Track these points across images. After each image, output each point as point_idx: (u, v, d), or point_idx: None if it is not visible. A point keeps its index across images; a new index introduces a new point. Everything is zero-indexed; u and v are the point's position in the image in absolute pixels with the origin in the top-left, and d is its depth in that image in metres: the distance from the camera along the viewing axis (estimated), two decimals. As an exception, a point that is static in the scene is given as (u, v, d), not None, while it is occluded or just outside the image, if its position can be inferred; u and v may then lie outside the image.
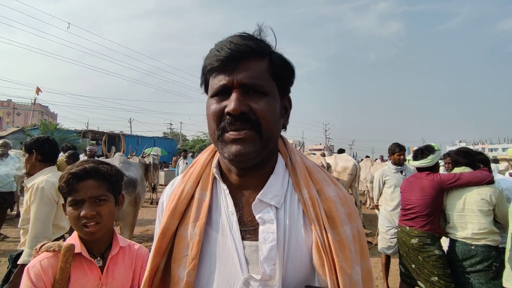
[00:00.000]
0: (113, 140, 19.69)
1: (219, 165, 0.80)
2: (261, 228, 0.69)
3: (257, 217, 0.70)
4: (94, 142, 19.08)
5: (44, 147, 2.34)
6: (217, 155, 0.81)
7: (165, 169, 15.97)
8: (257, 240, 0.68)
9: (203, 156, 0.84)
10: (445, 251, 2.82)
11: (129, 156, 8.86)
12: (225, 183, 0.76)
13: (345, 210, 0.73)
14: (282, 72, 0.73)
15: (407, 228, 2.91)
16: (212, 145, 0.84)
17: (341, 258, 0.66)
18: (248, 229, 0.71)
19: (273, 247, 0.66)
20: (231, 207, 0.72)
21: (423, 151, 3.02)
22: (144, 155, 9.36)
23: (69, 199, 1.17)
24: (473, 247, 2.57)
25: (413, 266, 2.86)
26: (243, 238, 0.70)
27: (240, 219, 0.72)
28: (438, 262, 2.69)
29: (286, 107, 0.78)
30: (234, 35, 0.70)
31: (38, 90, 24.48)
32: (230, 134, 0.67)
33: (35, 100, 26.91)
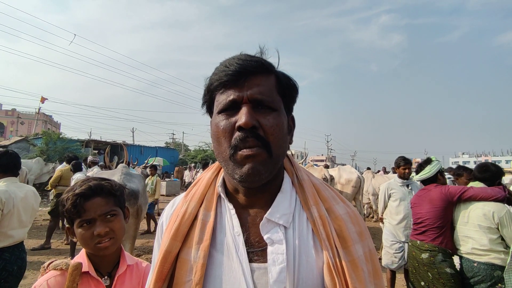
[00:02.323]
0: (115, 150, 19.70)
1: (224, 183, 0.77)
2: (269, 249, 0.66)
3: (265, 237, 0.67)
4: (96, 151, 19.13)
5: (1, 160, 2.52)
6: (221, 174, 0.78)
7: (167, 179, 15.94)
8: (265, 262, 0.65)
9: (206, 175, 0.80)
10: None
11: (131, 165, 8.87)
12: (230, 202, 0.73)
13: (356, 228, 0.71)
14: (288, 89, 0.73)
15: (418, 242, 2.84)
16: (216, 163, 0.81)
17: (354, 280, 0.63)
18: (256, 250, 0.67)
19: (283, 269, 0.63)
20: (237, 228, 0.69)
21: (421, 165, 3.10)
22: (147, 166, 9.34)
23: (77, 220, 1.14)
24: (475, 264, 2.49)
25: (422, 283, 2.75)
26: (250, 260, 0.66)
27: (247, 240, 0.68)
28: (449, 282, 2.57)
29: (290, 125, 0.77)
30: (240, 54, 0.70)
31: (43, 99, 24.79)
32: (243, 152, 0.64)
33: (39, 109, 27.18)
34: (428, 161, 3.05)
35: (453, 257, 2.73)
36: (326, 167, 9.31)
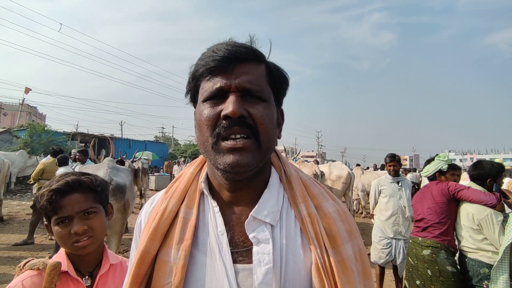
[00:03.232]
0: (103, 143, 19.35)
1: (207, 179, 0.72)
2: (255, 248, 0.62)
3: (250, 236, 0.63)
4: (83, 144, 18.73)
5: None
6: (205, 169, 0.74)
7: (156, 174, 15.77)
8: (250, 262, 0.61)
9: (189, 170, 0.76)
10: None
11: (119, 158, 8.72)
12: (214, 199, 0.69)
13: (346, 227, 0.68)
14: (278, 81, 0.70)
15: (420, 238, 2.79)
16: (200, 158, 0.77)
17: (343, 281, 0.60)
18: (240, 250, 0.64)
19: (269, 270, 0.60)
20: (221, 226, 0.65)
21: (426, 163, 3.15)
22: (135, 160, 9.19)
23: (54, 218, 1.08)
24: (466, 259, 2.54)
25: (418, 282, 2.70)
26: (234, 261, 0.62)
27: (231, 240, 0.64)
28: (449, 280, 2.52)
29: (279, 118, 0.73)
30: (229, 40, 0.67)
31: (27, 90, 24.00)
32: (226, 143, 0.60)
33: (23, 100, 26.30)
34: (430, 160, 3.06)
35: (455, 256, 2.69)
36: (316, 162, 9.33)
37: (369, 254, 5.15)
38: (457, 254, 2.71)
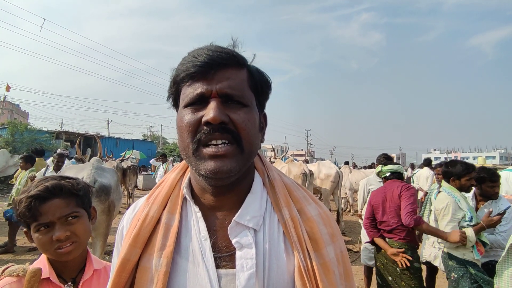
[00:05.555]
0: (89, 142, 18.94)
1: (190, 184, 0.72)
2: (238, 253, 0.62)
3: (233, 241, 0.63)
4: (68, 143, 18.28)
5: None
6: (188, 174, 0.74)
7: (143, 173, 15.53)
8: (233, 267, 0.62)
9: (171, 175, 0.76)
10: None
11: (106, 158, 8.57)
12: (196, 204, 0.69)
13: (328, 230, 0.69)
14: (260, 85, 0.70)
15: (387, 239, 2.89)
16: (182, 163, 0.77)
17: (325, 284, 0.62)
18: (224, 255, 0.64)
19: (252, 275, 0.60)
20: (204, 232, 0.65)
21: (382, 161, 3.27)
22: (124, 159, 9.04)
23: (33, 224, 1.03)
24: (442, 253, 2.70)
25: (390, 278, 2.83)
26: (217, 267, 0.62)
27: (214, 245, 0.65)
28: (415, 275, 2.69)
29: (262, 123, 0.74)
30: (210, 44, 0.67)
31: (8, 87, 23.21)
32: (208, 150, 0.60)
33: (4, 97, 25.43)
34: (386, 159, 3.18)
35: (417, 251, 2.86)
36: (306, 161, 9.37)
37: (356, 252, 5.20)
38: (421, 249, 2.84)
